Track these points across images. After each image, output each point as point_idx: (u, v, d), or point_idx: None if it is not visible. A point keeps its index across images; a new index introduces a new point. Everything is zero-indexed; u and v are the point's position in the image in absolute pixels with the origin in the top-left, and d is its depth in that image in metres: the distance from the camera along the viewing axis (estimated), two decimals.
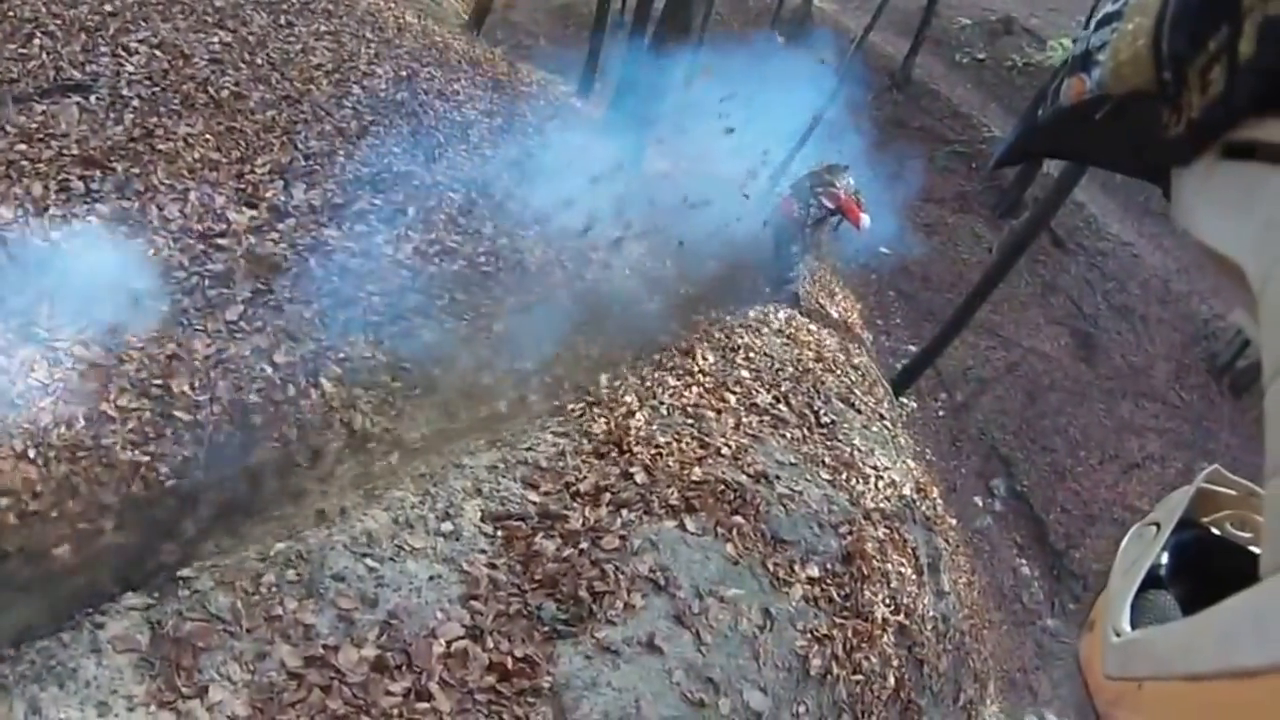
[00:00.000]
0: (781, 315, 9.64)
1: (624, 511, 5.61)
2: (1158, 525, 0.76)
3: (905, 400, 14.81)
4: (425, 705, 4.10)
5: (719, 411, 7.14)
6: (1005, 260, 13.70)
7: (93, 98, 6.81)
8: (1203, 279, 19.84)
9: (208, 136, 7.06)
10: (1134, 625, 0.65)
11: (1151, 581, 0.71)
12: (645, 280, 9.16)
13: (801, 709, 5.35)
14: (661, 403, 6.95)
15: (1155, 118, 0.49)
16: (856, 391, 8.99)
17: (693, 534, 5.68)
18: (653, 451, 6.28)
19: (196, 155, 6.80)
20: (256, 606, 4.14)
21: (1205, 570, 0.70)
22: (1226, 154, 0.44)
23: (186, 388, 5.41)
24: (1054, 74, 0.63)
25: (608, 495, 5.71)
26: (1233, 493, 0.76)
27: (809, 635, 5.64)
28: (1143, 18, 0.49)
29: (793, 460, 6.95)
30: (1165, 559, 0.73)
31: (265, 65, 8.44)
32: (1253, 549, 0.72)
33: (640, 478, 5.96)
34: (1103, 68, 0.54)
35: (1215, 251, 0.44)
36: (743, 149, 11.23)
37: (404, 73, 9.88)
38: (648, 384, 7.17)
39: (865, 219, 9.96)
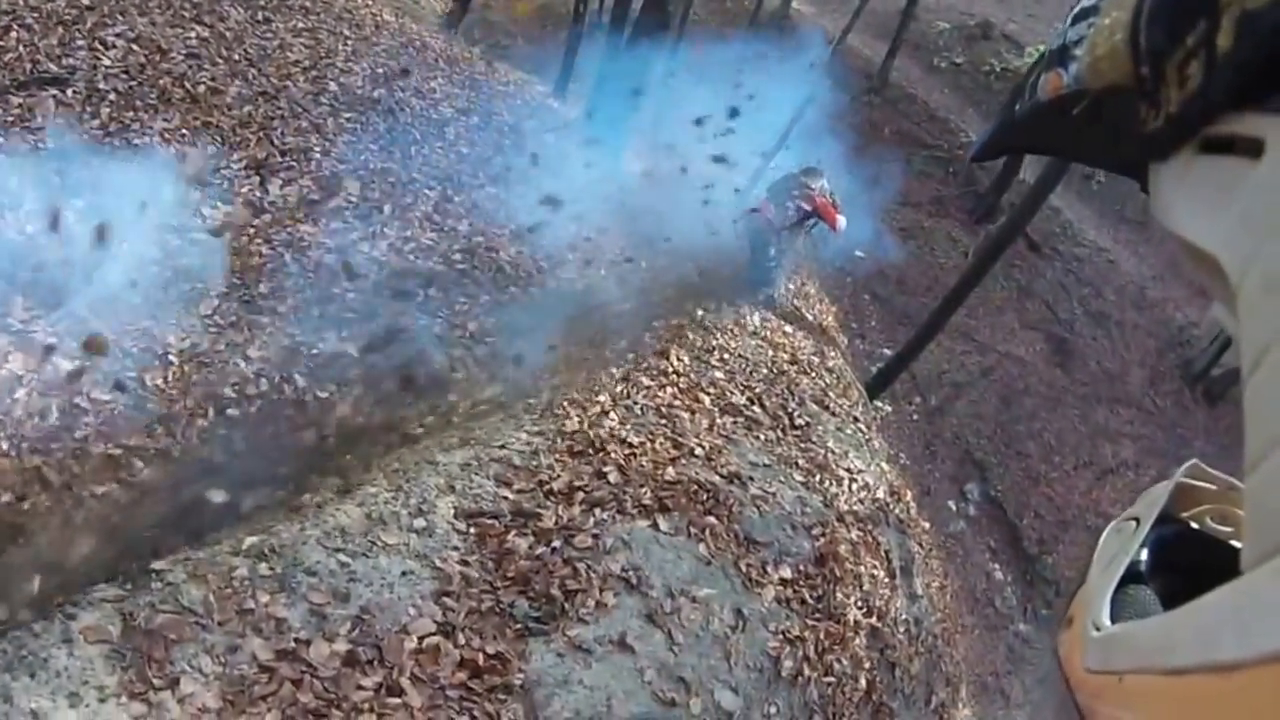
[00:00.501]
0: (757, 317, 9.65)
1: (597, 510, 5.60)
2: (1137, 520, 0.76)
3: (880, 404, 14.84)
4: (396, 700, 4.09)
5: (693, 412, 7.14)
6: (981, 264, 13.76)
7: (69, 91, 6.76)
8: (1178, 285, 19.97)
9: (184, 131, 7.02)
10: (1114, 620, 0.65)
11: (1131, 576, 0.71)
12: (621, 280, 9.15)
13: (773, 710, 5.36)
14: (636, 403, 6.94)
15: (1133, 113, 0.50)
16: (831, 394, 9.01)
17: (665, 534, 5.68)
18: (626, 451, 6.27)
19: (173, 150, 6.76)
20: (228, 600, 4.12)
21: (1185, 565, 0.70)
22: (1204, 148, 0.44)
23: (160, 382, 5.39)
24: (1031, 69, 0.64)
25: (581, 494, 5.70)
26: (1213, 487, 0.77)
27: (781, 636, 5.65)
28: (1120, 12, 0.49)
29: (766, 462, 6.96)
30: (1145, 554, 0.73)
31: (242, 61, 8.39)
32: (1233, 543, 0.73)
33: (614, 477, 5.95)
34: (1080, 63, 0.55)
35: (1193, 246, 0.44)
36: (719, 149, 11.22)
37: (381, 70, 9.85)
38: (622, 384, 7.15)
39: (841, 222, 9.99)
